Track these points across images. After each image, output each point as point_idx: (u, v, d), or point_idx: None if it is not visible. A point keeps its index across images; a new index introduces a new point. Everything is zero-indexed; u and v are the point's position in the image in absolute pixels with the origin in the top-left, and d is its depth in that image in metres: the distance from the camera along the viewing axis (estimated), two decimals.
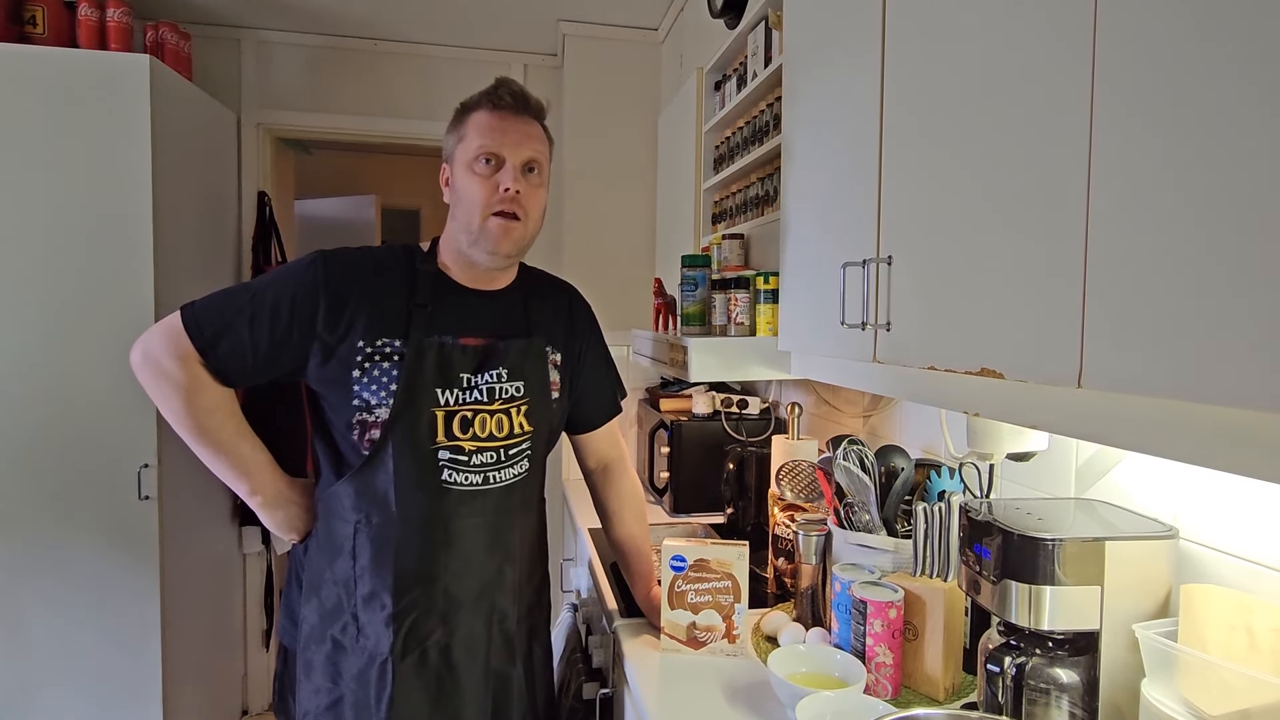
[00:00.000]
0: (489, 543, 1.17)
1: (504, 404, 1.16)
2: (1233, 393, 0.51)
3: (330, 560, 1.15)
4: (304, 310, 1.10)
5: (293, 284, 1.11)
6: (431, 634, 1.14)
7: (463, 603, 1.15)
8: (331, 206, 4.07)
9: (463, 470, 1.13)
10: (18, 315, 2.02)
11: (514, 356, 1.18)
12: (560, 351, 1.27)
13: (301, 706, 1.16)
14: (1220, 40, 0.52)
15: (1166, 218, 0.56)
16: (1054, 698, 0.85)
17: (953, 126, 0.85)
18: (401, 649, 1.12)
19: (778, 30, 1.59)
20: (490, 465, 1.15)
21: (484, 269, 1.18)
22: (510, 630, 1.21)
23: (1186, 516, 0.91)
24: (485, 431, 1.14)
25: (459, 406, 1.13)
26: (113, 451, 2.08)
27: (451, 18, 2.60)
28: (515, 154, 1.13)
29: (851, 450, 1.24)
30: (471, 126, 1.14)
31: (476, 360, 1.15)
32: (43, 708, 2.08)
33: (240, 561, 2.75)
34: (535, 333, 1.23)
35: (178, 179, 2.25)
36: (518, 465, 1.19)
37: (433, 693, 1.14)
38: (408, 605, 1.12)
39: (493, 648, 1.19)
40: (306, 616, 1.17)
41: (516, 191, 1.12)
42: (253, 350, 1.10)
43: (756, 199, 1.77)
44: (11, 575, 2.04)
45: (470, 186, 1.13)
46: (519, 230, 1.14)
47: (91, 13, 2.15)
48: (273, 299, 1.10)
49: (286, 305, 1.10)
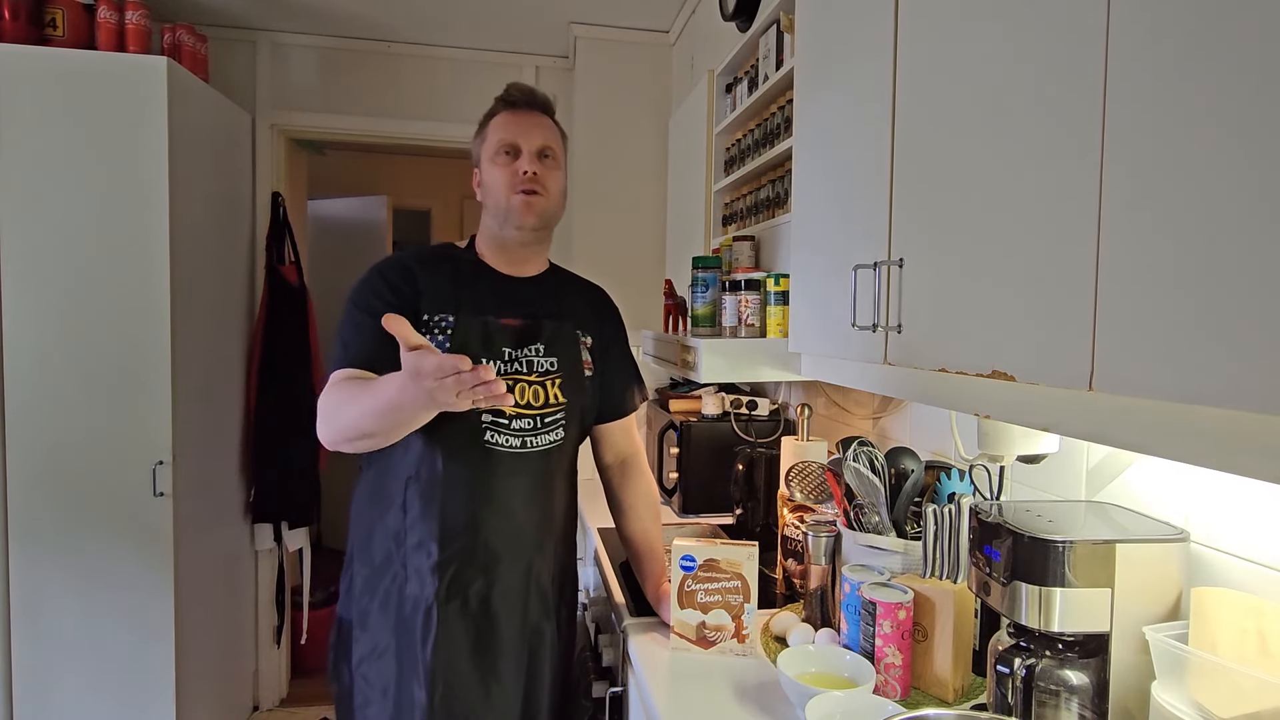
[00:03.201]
0: (526, 501, 1.26)
1: (541, 376, 1.28)
2: (1243, 396, 0.51)
3: (382, 513, 1.25)
4: (386, 296, 1.22)
5: (368, 290, 1.24)
6: (473, 582, 1.23)
7: (501, 556, 1.24)
8: (344, 207, 4.10)
9: (504, 433, 1.24)
10: (35, 314, 2.05)
11: (548, 334, 1.29)
12: (590, 336, 1.38)
13: (356, 656, 1.25)
14: (1230, 43, 0.53)
15: (1178, 221, 0.57)
16: (1064, 700, 0.85)
17: (965, 128, 0.85)
18: (446, 594, 1.21)
19: (789, 33, 1.59)
20: (528, 430, 1.26)
21: (515, 245, 1.31)
22: (545, 587, 1.30)
23: (1198, 520, 0.91)
24: (524, 400, 1.25)
25: (501, 377, 1.22)
26: (128, 448, 2.11)
27: (464, 20, 2.62)
28: (529, 142, 1.27)
29: (861, 452, 1.24)
30: (491, 127, 1.30)
31: (515, 337, 1.27)
32: (60, 700, 2.10)
33: (253, 558, 2.78)
34: (566, 317, 1.34)
35: (193, 179, 2.27)
36: (553, 433, 1.28)
37: (473, 639, 1.23)
38: (452, 554, 1.22)
39: (530, 602, 1.28)
40: (358, 571, 1.27)
41: (534, 173, 1.25)
42: (374, 341, 1.16)
43: (767, 201, 1.78)
44: (29, 571, 2.07)
45: (495, 175, 1.27)
46: (541, 203, 1.26)
47: (110, 15, 2.17)
48: (364, 306, 1.22)
49: (376, 300, 1.21)
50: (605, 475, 1.49)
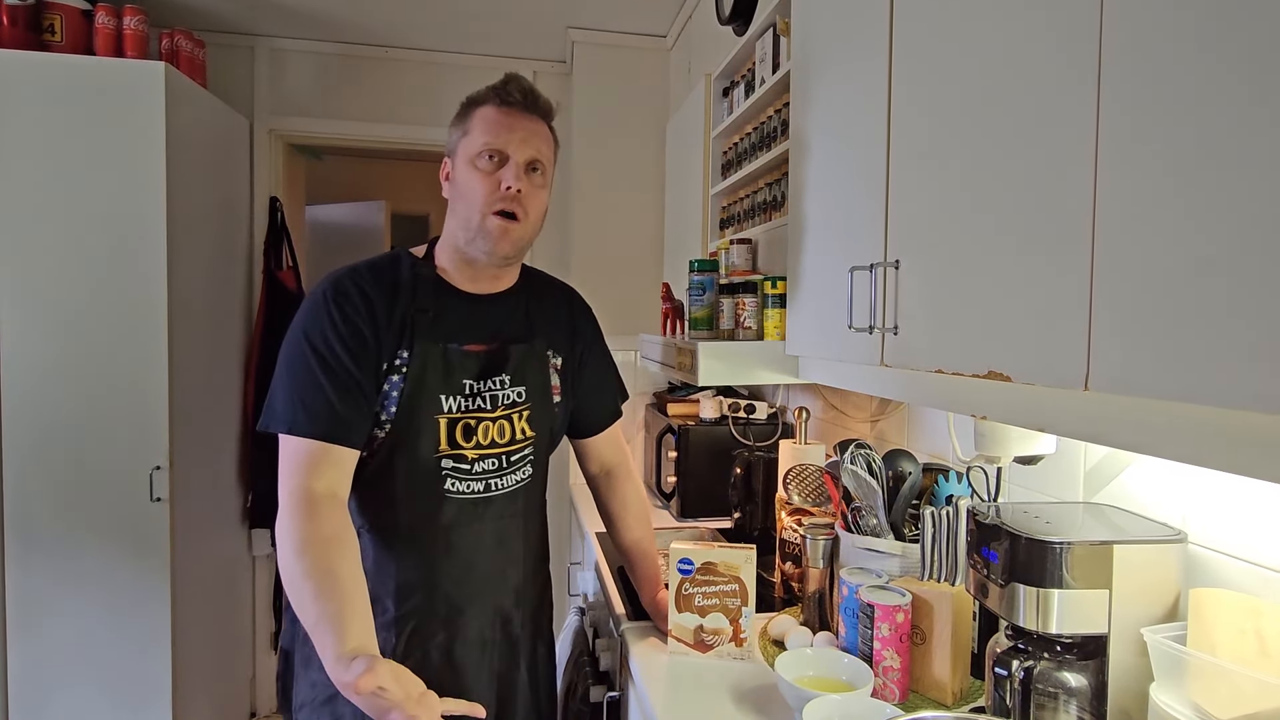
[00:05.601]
0: (491, 549, 1.17)
1: (506, 410, 1.16)
2: (1238, 395, 0.51)
3: None
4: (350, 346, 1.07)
5: (330, 332, 1.07)
6: (434, 636, 1.13)
7: (464, 607, 1.15)
8: (342, 212, 4.11)
9: (465, 479, 1.13)
10: (32, 318, 2.05)
11: (516, 361, 1.17)
12: (561, 355, 1.26)
13: (299, 699, 1.14)
14: (1223, 46, 0.53)
15: (1172, 221, 0.57)
16: (1062, 702, 0.85)
17: (960, 131, 0.85)
18: (404, 650, 1.11)
19: (785, 37, 1.59)
20: (492, 473, 1.15)
21: (482, 266, 1.16)
22: (515, 633, 1.21)
23: (1195, 521, 0.90)
24: (487, 439, 1.14)
25: (462, 414, 1.12)
26: (125, 454, 2.10)
27: (462, 25, 2.62)
28: (520, 152, 1.11)
29: (859, 454, 1.24)
30: (477, 121, 1.12)
31: (479, 366, 1.14)
32: (56, 706, 2.09)
33: (250, 564, 2.77)
34: (536, 336, 1.22)
35: (191, 184, 2.28)
36: (520, 471, 1.18)
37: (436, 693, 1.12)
38: (409, 610, 1.12)
39: (497, 651, 1.19)
40: None
41: (518, 190, 1.10)
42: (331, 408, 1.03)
43: (764, 204, 1.78)
44: (25, 575, 2.07)
45: (472, 182, 1.10)
46: (517, 231, 1.12)
47: (108, 21, 2.18)
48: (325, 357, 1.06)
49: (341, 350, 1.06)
50: (592, 484, 1.44)
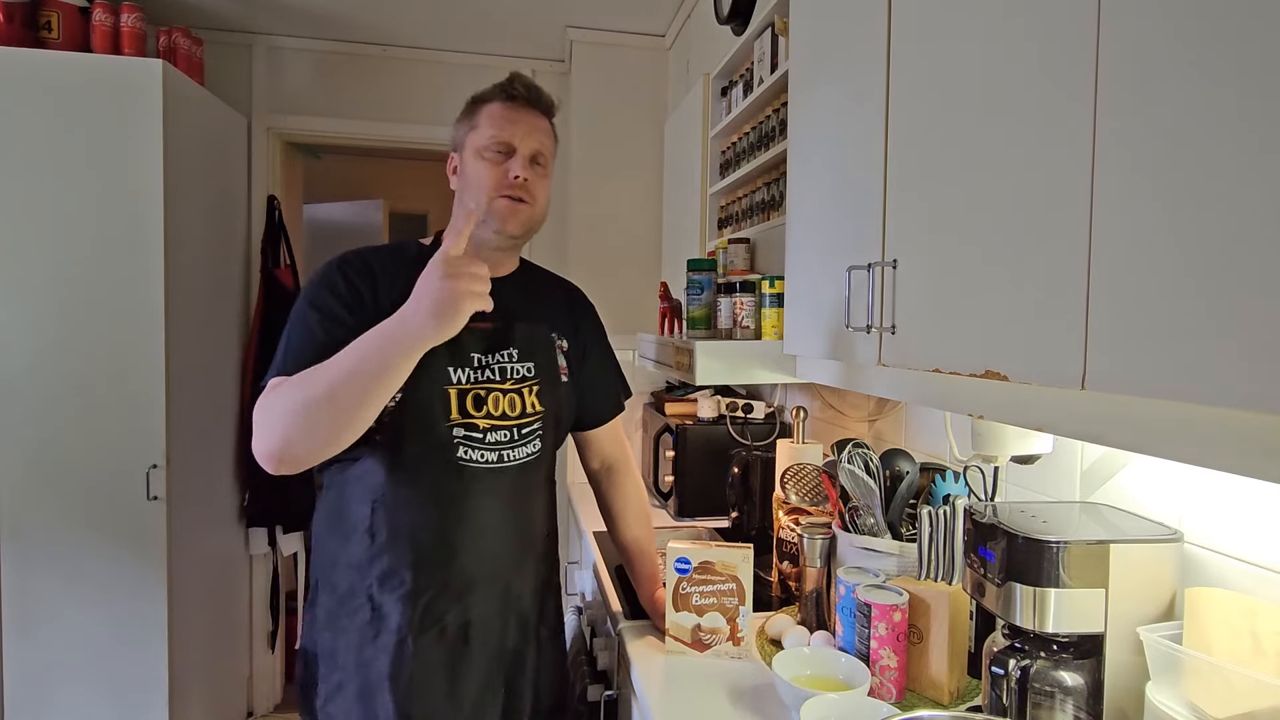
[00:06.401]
0: (504, 520, 1.19)
1: (516, 383, 1.19)
2: (1234, 394, 0.51)
3: (343, 542, 1.15)
4: (342, 294, 1.13)
5: (324, 285, 1.14)
6: (448, 611, 1.15)
7: (479, 581, 1.16)
8: (340, 210, 4.10)
9: (478, 448, 1.15)
10: (28, 316, 2.04)
11: (522, 338, 1.21)
12: (566, 339, 1.30)
13: (324, 693, 1.16)
14: (1218, 48, 0.53)
15: (1168, 220, 0.57)
16: (1059, 701, 0.85)
17: (958, 131, 0.86)
18: (419, 625, 1.13)
19: (784, 36, 1.59)
20: (504, 444, 1.17)
21: (490, 249, 1.21)
22: (525, 610, 1.23)
23: (1192, 520, 0.91)
24: (499, 410, 1.17)
25: (471, 385, 1.15)
26: (121, 452, 2.10)
27: (460, 24, 2.62)
28: (525, 144, 1.17)
29: (856, 454, 1.24)
30: (484, 116, 1.19)
31: (486, 342, 1.18)
32: (52, 705, 2.09)
33: (247, 563, 2.77)
34: (538, 318, 1.25)
35: (189, 182, 2.27)
36: (530, 444, 1.20)
37: (448, 669, 1.15)
38: (426, 582, 1.13)
39: (508, 628, 1.20)
40: (322, 603, 1.18)
41: (525, 179, 1.16)
42: (321, 348, 1.06)
43: (762, 204, 1.78)
44: (22, 574, 2.06)
45: (480, 171, 1.17)
46: (526, 211, 1.18)
47: (105, 18, 2.17)
48: (315, 304, 1.12)
49: (331, 298, 1.12)
50: (593, 480, 1.46)
